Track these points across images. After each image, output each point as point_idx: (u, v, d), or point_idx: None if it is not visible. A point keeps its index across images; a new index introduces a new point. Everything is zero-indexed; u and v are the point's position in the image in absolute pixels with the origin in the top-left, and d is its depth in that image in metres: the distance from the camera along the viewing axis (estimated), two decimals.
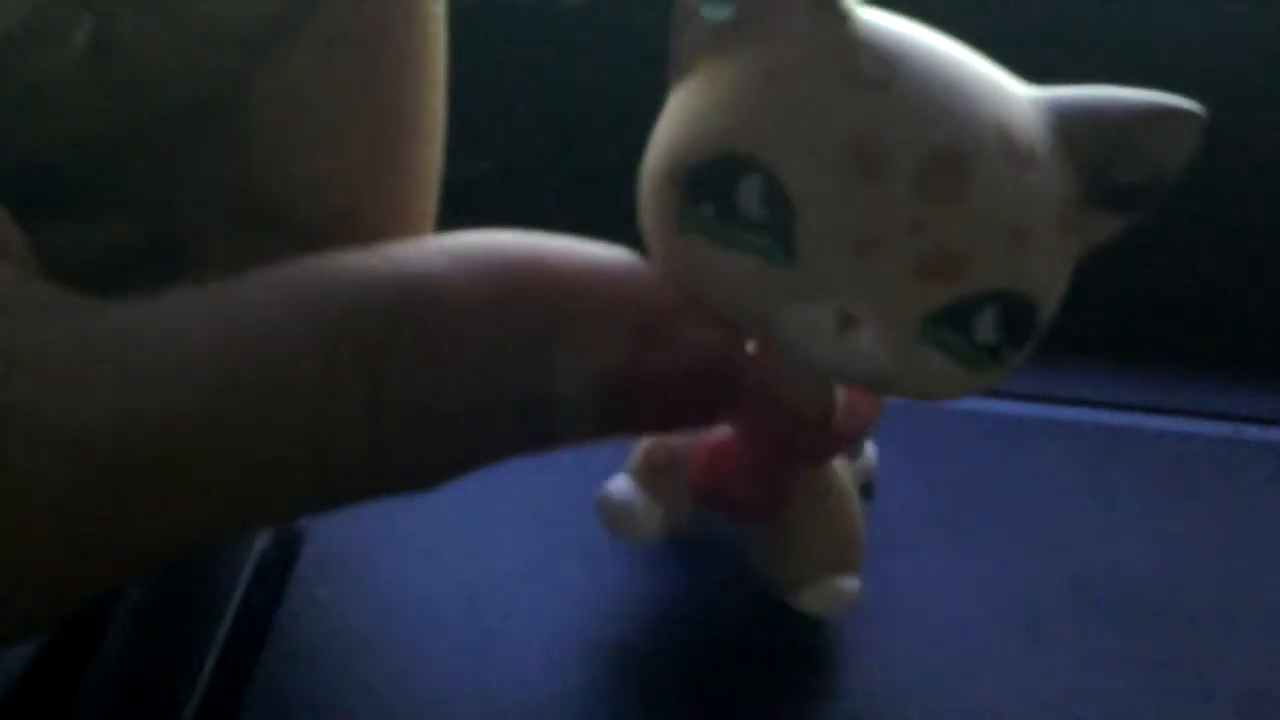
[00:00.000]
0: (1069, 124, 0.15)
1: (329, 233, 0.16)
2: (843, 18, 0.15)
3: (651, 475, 0.20)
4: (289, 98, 0.16)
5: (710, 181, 0.15)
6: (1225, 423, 0.26)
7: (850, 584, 0.20)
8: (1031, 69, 0.16)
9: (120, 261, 0.16)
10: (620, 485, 0.20)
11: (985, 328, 0.15)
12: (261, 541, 0.22)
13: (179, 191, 0.16)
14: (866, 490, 0.23)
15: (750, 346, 0.17)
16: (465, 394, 0.14)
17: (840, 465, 0.20)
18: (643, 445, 0.20)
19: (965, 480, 0.24)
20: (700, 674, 0.20)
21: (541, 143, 0.30)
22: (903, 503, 0.23)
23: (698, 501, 0.20)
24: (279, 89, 0.16)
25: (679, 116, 0.15)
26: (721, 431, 0.20)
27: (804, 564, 0.20)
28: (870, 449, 0.23)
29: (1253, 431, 0.26)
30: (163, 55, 0.15)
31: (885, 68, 0.15)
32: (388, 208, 0.17)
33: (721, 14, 0.15)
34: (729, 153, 0.15)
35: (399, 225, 0.17)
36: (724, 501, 0.20)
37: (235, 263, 0.15)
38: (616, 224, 0.16)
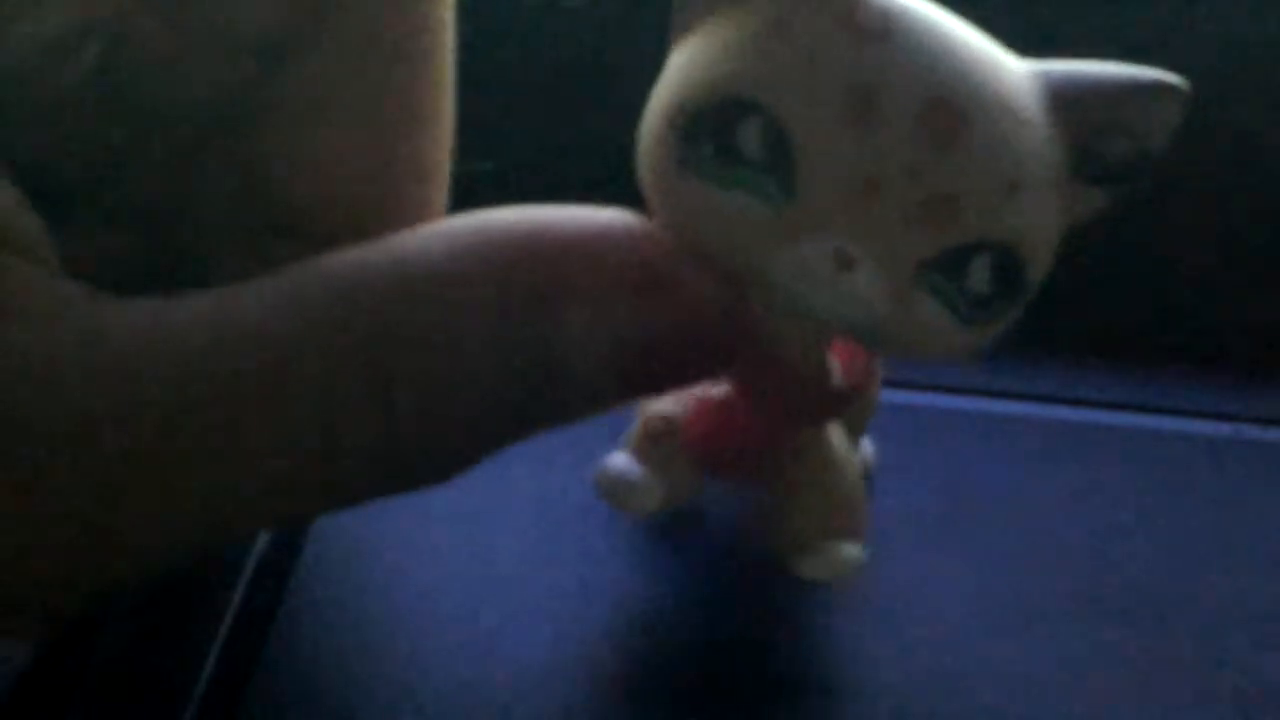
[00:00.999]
0: (1058, 95, 0.16)
1: (343, 239, 0.16)
2: None
3: (650, 447, 0.20)
4: (304, 108, 0.16)
5: (710, 124, 0.15)
6: (1225, 423, 0.26)
7: (853, 550, 0.20)
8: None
9: (125, 269, 0.16)
10: (618, 459, 0.20)
11: (978, 277, 0.16)
12: (261, 541, 0.22)
13: (189, 200, 0.16)
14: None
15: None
16: (474, 371, 0.14)
17: (838, 434, 0.20)
18: (640, 416, 0.20)
19: (965, 480, 0.24)
20: (700, 673, 0.20)
21: (542, 142, 0.30)
22: (902, 503, 0.23)
23: (697, 464, 0.20)
24: (293, 99, 0.16)
25: (679, 68, 0.16)
26: (718, 391, 0.20)
27: (805, 531, 0.20)
28: (867, 445, 0.23)
29: (1253, 431, 0.26)
30: (172, 70, 0.15)
31: (883, 20, 0.15)
32: (403, 212, 0.17)
33: None
34: (729, 96, 0.15)
35: (402, 222, 0.17)
36: (723, 463, 0.20)
37: (245, 271, 0.15)
38: None
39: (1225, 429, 0.26)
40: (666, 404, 0.20)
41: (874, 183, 0.15)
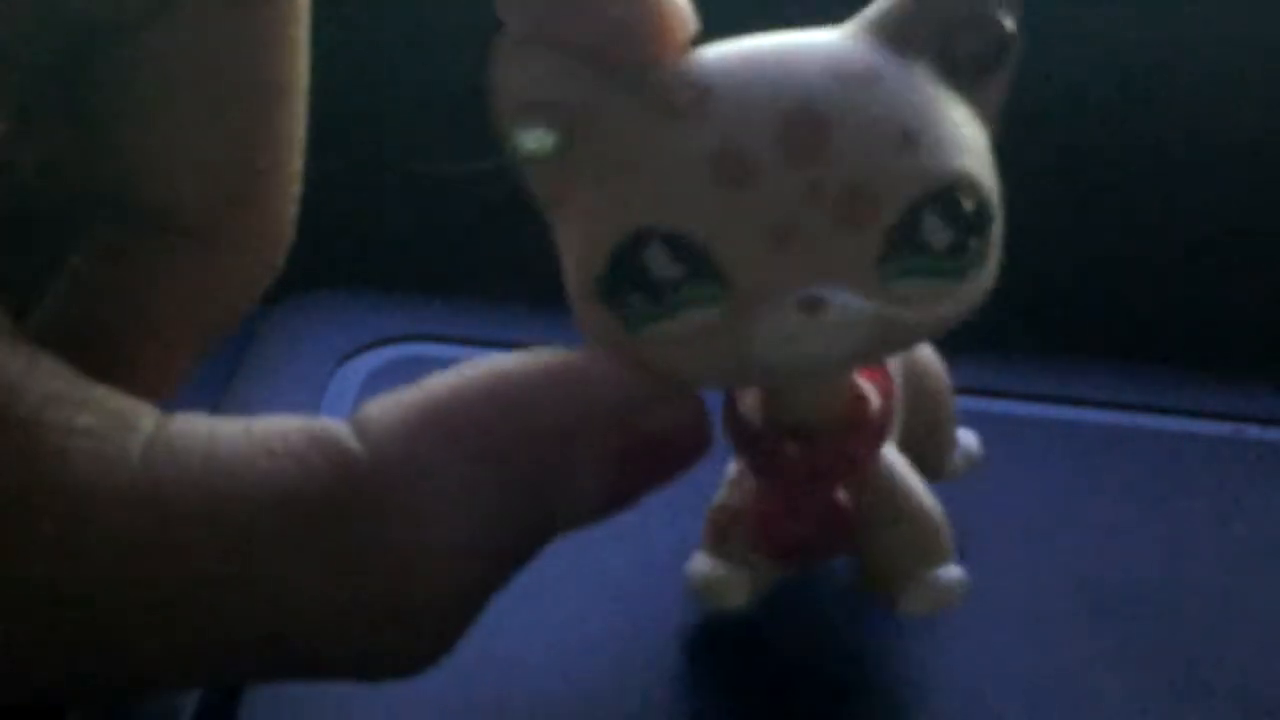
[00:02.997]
0: (888, 30, 0.15)
1: (198, 224, 0.16)
2: (639, 71, 0.15)
3: (722, 541, 0.20)
4: (152, 90, 0.16)
5: (622, 277, 0.15)
6: (1225, 423, 0.26)
7: (948, 574, 0.19)
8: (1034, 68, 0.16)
9: None
10: (699, 561, 0.20)
11: (936, 233, 0.15)
12: None
13: (42, 183, 0.16)
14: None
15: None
16: (452, 536, 0.14)
17: (894, 454, 0.20)
18: (708, 515, 0.20)
19: (965, 480, 0.24)
20: (700, 672, 0.20)
21: None
22: None
23: (772, 560, 0.20)
24: (141, 80, 0.16)
25: (569, 244, 0.16)
26: (756, 487, 0.19)
27: (893, 570, 0.19)
28: (967, 436, 0.23)
29: (1253, 431, 0.26)
30: (17, 29, 0.15)
31: (698, 83, 0.15)
32: (257, 197, 0.17)
33: (546, 142, 0.15)
34: (622, 240, 0.15)
35: (275, 196, 0.17)
36: (795, 551, 0.19)
37: (122, 256, 0.15)
38: None
39: (1225, 429, 0.26)
40: (725, 495, 0.20)
41: (788, 226, 0.15)
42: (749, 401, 0.19)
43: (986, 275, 0.16)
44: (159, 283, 0.17)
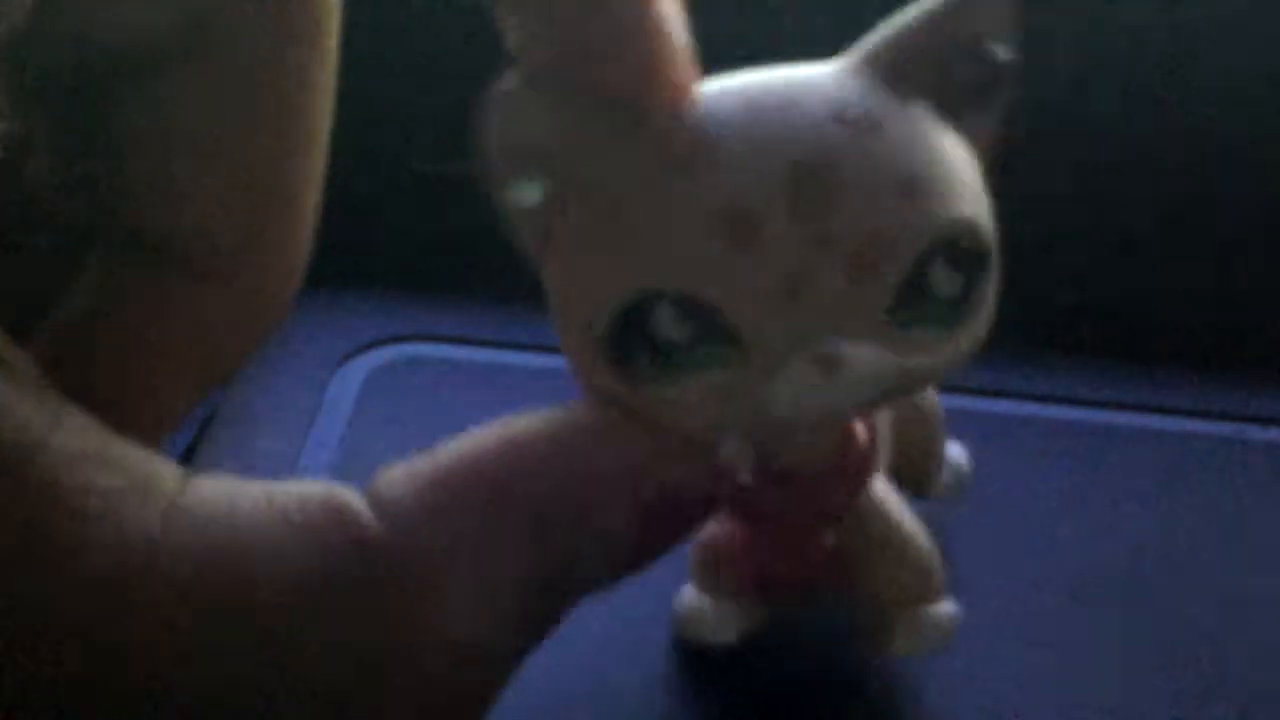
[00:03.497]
0: (885, 66, 0.15)
1: (200, 263, 0.16)
2: (634, 124, 0.15)
3: (710, 576, 0.20)
4: (168, 131, 0.16)
5: (628, 336, 0.15)
6: (1225, 423, 0.26)
7: (939, 611, 0.19)
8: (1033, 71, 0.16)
9: None
10: (687, 595, 0.20)
11: (943, 280, 0.15)
12: None
13: (50, 208, 0.16)
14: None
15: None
16: (474, 608, 0.14)
17: (884, 488, 0.19)
18: (692, 550, 0.20)
19: None
20: (699, 671, 0.20)
21: None
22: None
23: (758, 599, 0.20)
24: (158, 120, 0.16)
25: (563, 294, 0.15)
26: (740, 527, 0.19)
27: (883, 608, 0.19)
28: (956, 451, 0.23)
29: (1253, 431, 0.26)
30: (46, 59, 0.15)
31: (696, 137, 0.14)
32: (265, 244, 0.17)
33: (535, 194, 0.15)
34: (625, 301, 0.14)
35: (289, 236, 0.17)
36: (782, 591, 0.19)
37: (124, 289, 0.15)
38: None
39: (1225, 429, 0.26)
40: (713, 528, 0.19)
41: (796, 280, 0.14)
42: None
43: (987, 313, 0.16)
44: (162, 318, 0.17)
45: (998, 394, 0.26)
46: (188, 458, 0.25)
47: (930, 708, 0.20)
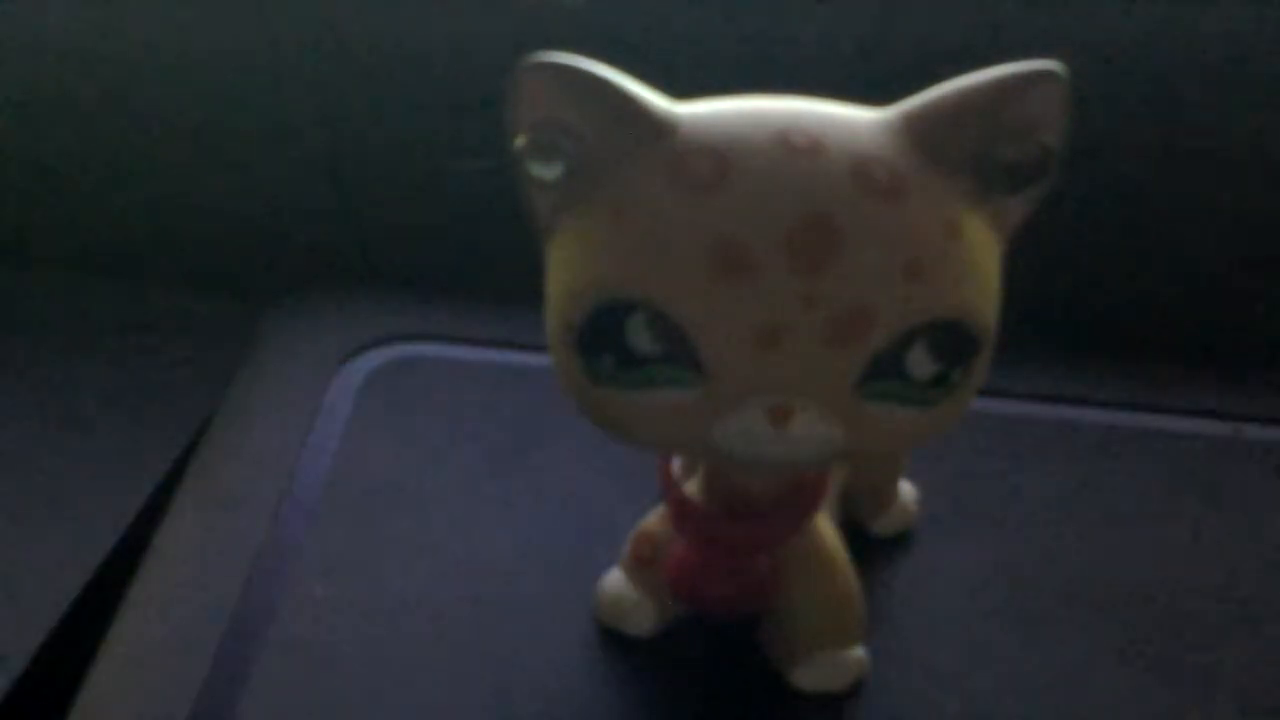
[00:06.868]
0: (927, 131, 0.15)
1: None
2: (662, 130, 0.15)
3: (641, 569, 0.20)
4: None
5: (599, 334, 0.15)
6: (1225, 423, 0.26)
7: (848, 656, 0.20)
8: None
9: None
10: (613, 579, 0.20)
11: (920, 363, 0.15)
12: (259, 541, 0.22)
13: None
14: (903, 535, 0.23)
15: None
16: None
17: (825, 524, 0.19)
18: (630, 539, 0.20)
19: (965, 480, 0.24)
20: (699, 671, 0.20)
21: None
22: None
23: (681, 603, 0.20)
24: None
25: (555, 278, 0.15)
26: (685, 541, 0.19)
27: (797, 642, 0.20)
28: (908, 489, 0.23)
29: (1253, 431, 0.26)
30: None
31: (716, 161, 0.14)
32: None
33: (554, 170, 0.15)
34: (604, 301, 0.15)
35: None
36: (706, 603, 0.20)
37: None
38: None
39: (1225, 429, 0.26)
40: (653, 521, 0.20)
41: (775, 330, 0.14)
42: (684, 469, 0.19)
43: (963, 402, 0.15)
44: None
45: (997, 394, 0.26)
46: (188, 458, 0.25)
47: (929, 706, 0.20)
